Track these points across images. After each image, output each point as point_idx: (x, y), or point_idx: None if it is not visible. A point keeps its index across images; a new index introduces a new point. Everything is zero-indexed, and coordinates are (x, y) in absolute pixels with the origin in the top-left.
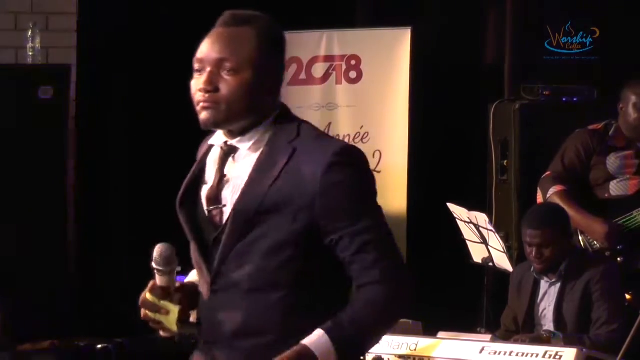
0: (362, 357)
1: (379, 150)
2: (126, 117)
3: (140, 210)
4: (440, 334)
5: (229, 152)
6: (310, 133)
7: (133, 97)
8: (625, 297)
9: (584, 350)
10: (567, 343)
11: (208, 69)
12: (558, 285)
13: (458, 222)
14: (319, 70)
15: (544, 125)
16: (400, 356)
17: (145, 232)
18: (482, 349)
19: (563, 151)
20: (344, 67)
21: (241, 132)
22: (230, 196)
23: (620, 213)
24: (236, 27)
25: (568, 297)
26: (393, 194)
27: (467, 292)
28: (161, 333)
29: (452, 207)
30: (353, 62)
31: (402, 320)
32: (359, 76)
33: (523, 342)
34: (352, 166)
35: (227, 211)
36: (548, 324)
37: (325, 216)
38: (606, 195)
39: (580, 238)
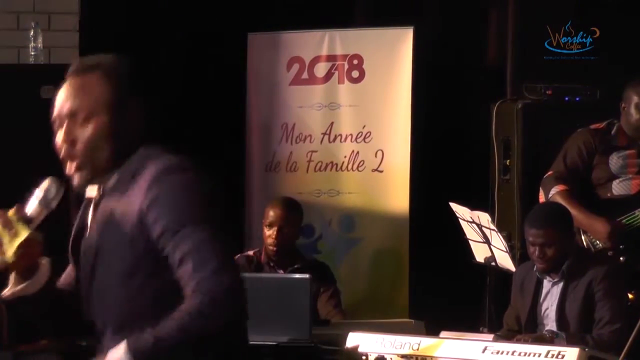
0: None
1: (381, 150)
2: None
3: None
4: (443, 334)
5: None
6: (157, 158)
7: None
8: (627, 296)
9: (586, 349)
10: (570, 343)
11: (65, 124)
12: (560, 284)
13: (460, 221)
14: (321, 69)
15: (546, 125)
16: (402, 356)
17: None
18: (485, 349)
19: (565, 151)
20: (346, 66)
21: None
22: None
23: (622, 212)
24: (82, 75)
25: (570, 297)
26: (395, 193)
27: (469, 292)
28: None
29: (454, 206)
30: (355, 62)
31: (404, 320)
32: (361, 76)
33: (525, 341)
34: (169, 179)
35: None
36: (550, 323)
37: (155, 232)
38: (608, 195)
39: (583, 238)
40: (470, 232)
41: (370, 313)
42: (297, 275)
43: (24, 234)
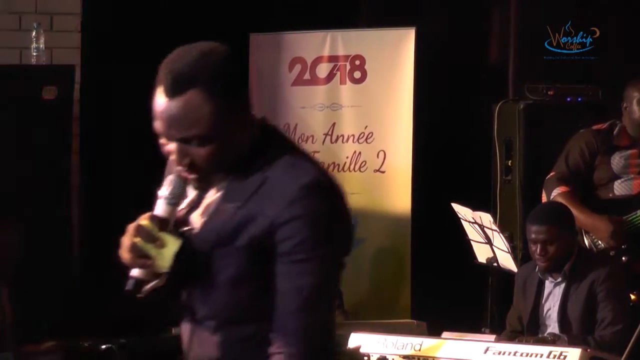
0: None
1: (383, 150)
2: (130, 118)
3: (144, 210)
4: (445, 334)
5: None
6: (286, 161)
7: (137, 98)
8: (630, 297)
9: (588, 350)
10: (572, 343)
11: (174, 145)
12: (563, 285)
13: (462, 222)
14: (323, 70)
15: (548, 125)
16: (404, 356)
17: None
18: (487, 349)
19: (567, 152)
20: (348, 67)
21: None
22: (198, 220)
23: (624, 212)
24: (181, 95)
25: (572, 297)
26: (397, 194)
27: (471, 293)
28: (137, 273)
29: (456, 207)
30: (357, 62)
31: (406, 320)
32: (363, 76)
33: (527, 342)
34: (310, 203)
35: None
36: (552, 324)
37: (279, 249)
38: (610, 195)
39: (585, 238)
40: (472, 232)
41: (372, 313)
42: None
43: (172, 241)
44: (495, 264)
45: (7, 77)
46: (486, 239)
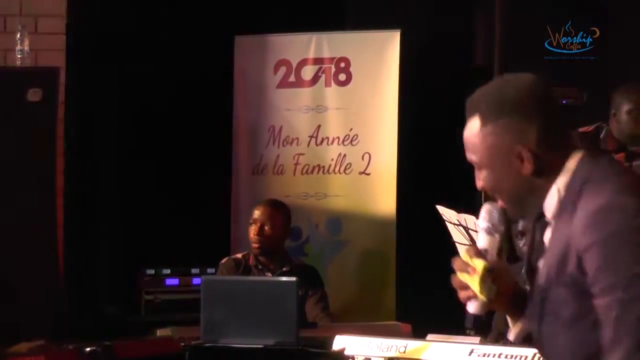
0: None
1: (368, 153)
2: (115, 120)
3: (129, 212)
4: (429, 337)
5: (538, 217)
6: (599, 173)
7: (122, 100)
8: None
9: None
10: None
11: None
12: None
13: (447, 224)
14: (308, 72)
15: None
16: (389, 358)
17: (135, 234)
18: (471, 351)
19: None
20: (333, 69)
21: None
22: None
23: None
24: (469, 118)
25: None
26: (382, 196)
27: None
28: (470, 309)
29: (440, 209)
30: (342, 65)
31: (391, 322)
32: (348, 78)
33: (512, 344)
34: (608, 221)
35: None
36: None
37: (589, 280)
38: None
39: None
40: (456, 234)
41: (357, 315)
42: (285, 278)
43: (478, 266)
44: None
45: None
46: (471, 241)
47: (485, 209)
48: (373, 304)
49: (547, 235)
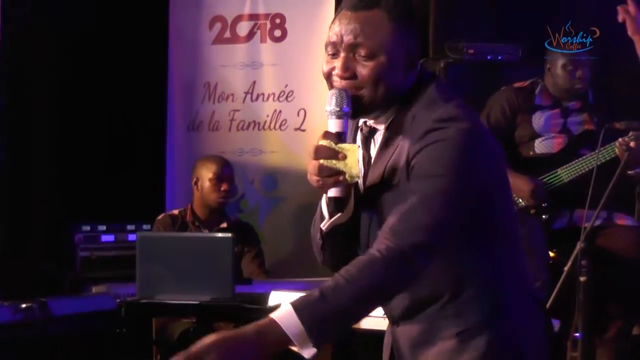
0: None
1: (303, 109)
2: (49, 75)
3: (65, 169)
4: None
5: (369, 134)
6: (427, 97)
7: (56, 56)
8: (549, 254)
9: None
10: None
11: (342, 54)
12: None
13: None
14: (243, 28)
15: (469, 84)
16: None
17: (71, 191)
18: None
19: (488, 109)
20: (268, 25)
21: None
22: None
23: (545, 171)
24: (366, 10)
25: None
26: None
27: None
28: (333, 193)
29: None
30: (277, 21)
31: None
32: (284, 35)
33: None
34: (444, 134)
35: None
36: None
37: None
38: (531, 153)
39: None
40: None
41: (293, 272)
42: (220, 235)
43: (351, 148)
44: None
45: None
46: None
47: (330, 93)
48: (308, 259)
49: (374, 149)
